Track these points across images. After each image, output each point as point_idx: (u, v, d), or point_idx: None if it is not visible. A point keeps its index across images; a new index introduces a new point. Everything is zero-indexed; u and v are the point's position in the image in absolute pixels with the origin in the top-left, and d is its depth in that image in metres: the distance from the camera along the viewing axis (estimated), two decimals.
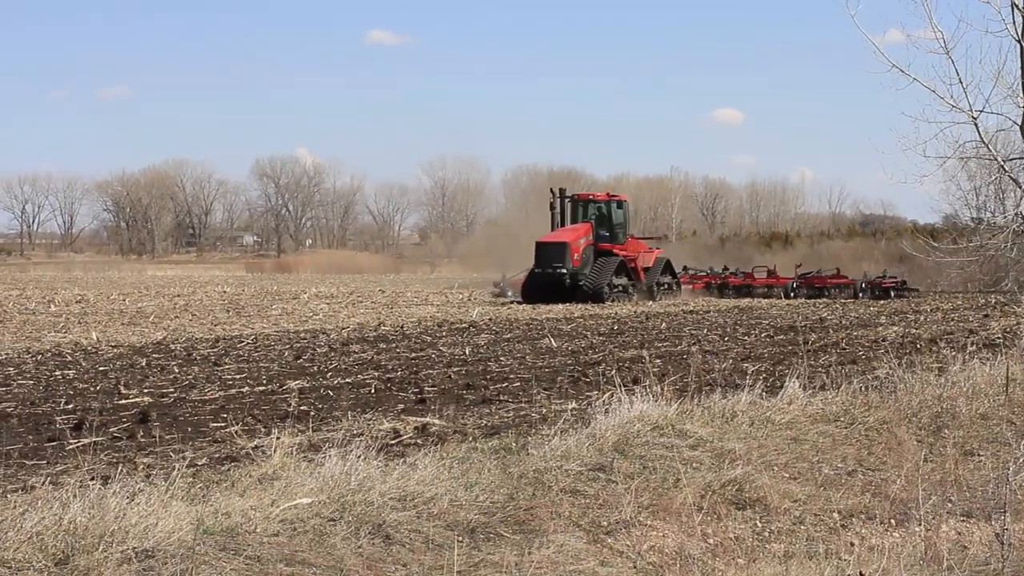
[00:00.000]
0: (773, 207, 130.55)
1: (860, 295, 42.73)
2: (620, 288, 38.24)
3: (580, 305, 35.71)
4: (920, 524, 8.44)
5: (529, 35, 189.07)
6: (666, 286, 41.22)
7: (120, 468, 8.63)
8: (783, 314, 32.19)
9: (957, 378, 13.89)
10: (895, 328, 26.25)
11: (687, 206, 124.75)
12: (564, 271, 37.35)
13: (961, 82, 14.86)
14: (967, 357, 15.56)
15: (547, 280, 37.56)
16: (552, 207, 40.53)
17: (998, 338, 22.57)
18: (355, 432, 10.94)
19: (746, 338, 23.56)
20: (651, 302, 38.14)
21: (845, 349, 20.99)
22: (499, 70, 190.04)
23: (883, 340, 22.62)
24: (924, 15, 14.97)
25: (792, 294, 43.29)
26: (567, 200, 40.88)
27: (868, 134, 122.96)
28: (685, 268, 47.04)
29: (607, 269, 37.90)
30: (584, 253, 38.23)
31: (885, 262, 55.18)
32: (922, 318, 30.40)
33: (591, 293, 36.93)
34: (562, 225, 39.97)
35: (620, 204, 41.02)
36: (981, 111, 15.00)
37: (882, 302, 40.52)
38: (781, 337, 23.72)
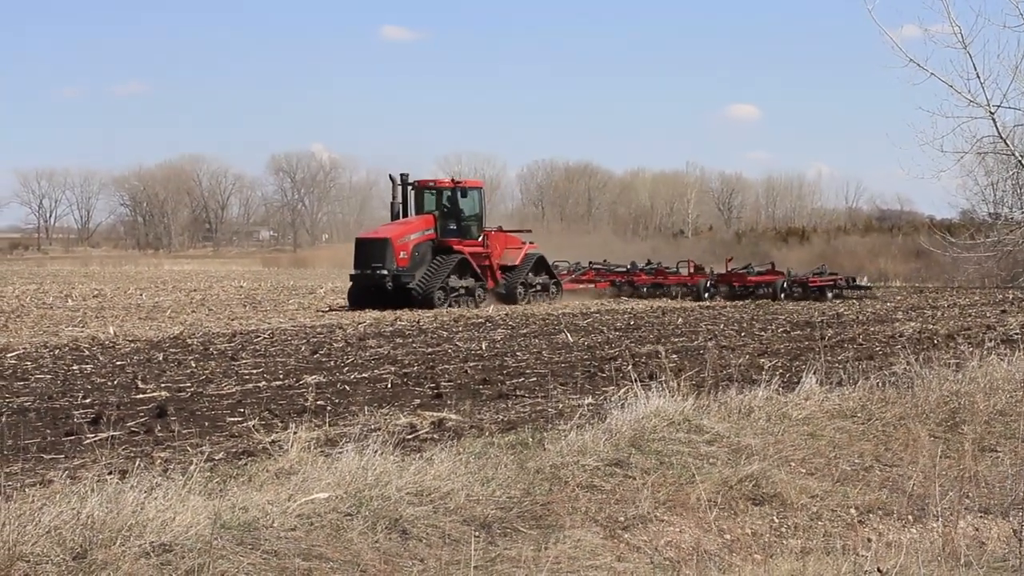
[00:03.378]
0: (789, 202, 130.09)
1: (781, 295, 36.78)
2: (461, 291, 32.84)
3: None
4: (938, 520, 8.43)
5: (543, 30, 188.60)
6: (539, 287, 35.63)
7: (137, 462, 8.65)
8: (799, 309, 32.13)
9: (975, 374, 13.85)
10: (912, 324, 26.17)
11: (703, 201, 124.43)
12: (385, 272, 32.04)
13: (979, 77, 14.79)
14: (985, 353, 15.51)
15: (367, 283, 32.43)
16: (393, 196, 34.64)
17: (1016, 334, 22.49)
18: (372, 427, 10.95)
19: (763, 333, 23.52)
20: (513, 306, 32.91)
21: (862, 345, 20.94)
22: (513, 65, 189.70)
23: (900, 336, 22.55)
24: (942, 9, 14.91)
25: (707, 294, 37.15)
26: (410, 188, 34.86)
27: (885, 129, 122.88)
28: (591, 263, 41.85)
29: (442, 270, 32.56)
30: (417, 251, 32.79)
31: (902, 257, 55.02)
32: (939, 314, 30.29)
33: (420, 297, 31.83)
34: (404, 217, 34.32)
35: (466, 192, 35.10)
36: (999, 106, 14.94)
37: (816, 304, 34.91)
38: (798, 333, 23.68)
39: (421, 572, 7.02)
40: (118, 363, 17.32)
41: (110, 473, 7.85)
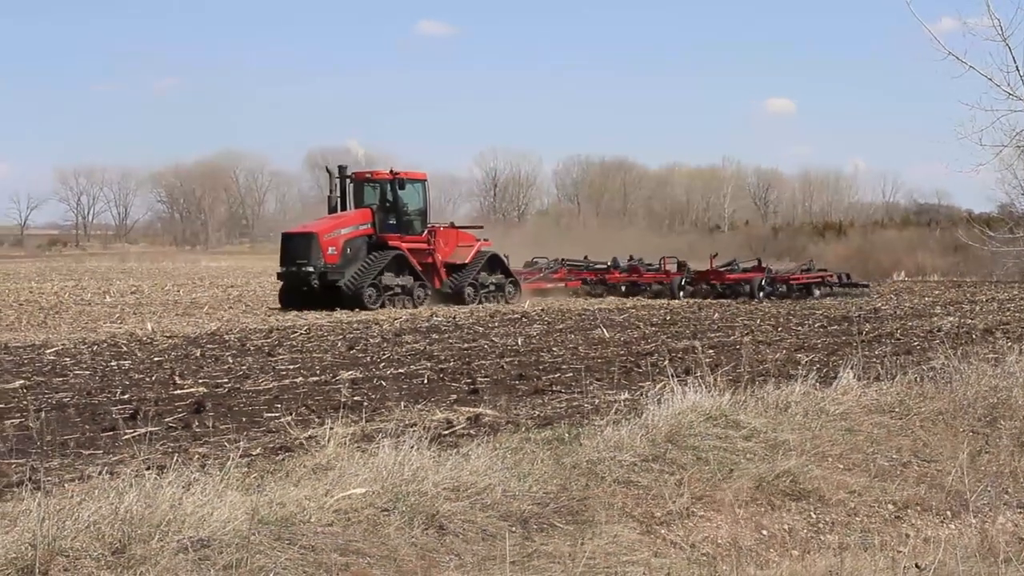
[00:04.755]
0: (826, 197, 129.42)
1: (759, 294, 34.58)
2: (396, 289, 30.60)
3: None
4: (976, 516, 8.38)
5: (579, 25, 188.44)
6: (492, 287, 33.14)
7: (175, 458, 8.69)
8: (836, 304, 31.98)
9: (1013, 369, 13.72)
10: (950, 318, 26.01)
11: (739, 196, 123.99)
12: (311, 269, 29.91)
13: (1018, 69, 14.69)
14: None
15: (295, 281, 30.28)
16: (331, 190, 32.55)
17: None
18: (408, 422, 10.98)
19: (799, 328, 23.44)
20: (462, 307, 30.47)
21: (900, 339, 20.83)
22: (549, 60, 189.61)
23: (938, 330, 22.42)
24: (981, 2, 14.81)
25: (681, 293, 35.35)
26: (348, 181, 32.78)
27: (923, 123, 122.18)
28: (564, 260, 38.92)
29: (374, 266, 30.32)
30: (349, 247, 30.59)
31: (940, 252, 54.72)
32: (977, 308, 30.08)
33: (350, 295, 29.71)
34: (343, 211, 32.28)
35: (404, 185, 32.08)
36: None
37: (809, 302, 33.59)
38: (835, 327, 23.58)
39: (458, 567, 7.03)
40: (156, 359, 17.41)
41: (148, 468, 7.87)
